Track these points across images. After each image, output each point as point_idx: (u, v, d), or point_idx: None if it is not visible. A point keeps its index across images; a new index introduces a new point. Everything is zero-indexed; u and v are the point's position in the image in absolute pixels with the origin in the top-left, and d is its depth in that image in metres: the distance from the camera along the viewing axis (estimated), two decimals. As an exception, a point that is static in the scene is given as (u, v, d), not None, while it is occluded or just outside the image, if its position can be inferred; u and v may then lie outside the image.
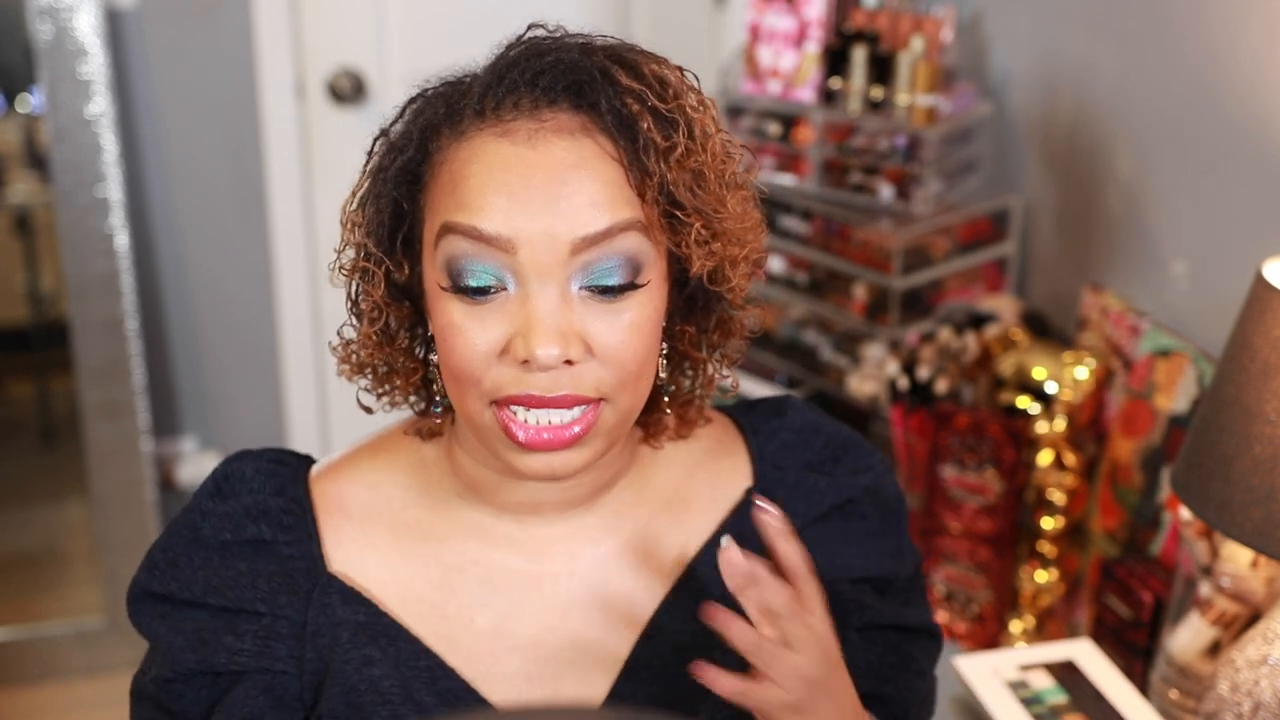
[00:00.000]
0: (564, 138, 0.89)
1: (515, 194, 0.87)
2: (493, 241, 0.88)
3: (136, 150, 2.65)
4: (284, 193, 2.70)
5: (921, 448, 1.89)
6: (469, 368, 0.90)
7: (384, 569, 0.99)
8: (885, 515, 1.09)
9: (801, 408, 1.11)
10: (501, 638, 0.99)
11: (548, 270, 0.88)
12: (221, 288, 2.79)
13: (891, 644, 1.07)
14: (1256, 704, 1.25)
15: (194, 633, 0.98)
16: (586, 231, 0.88)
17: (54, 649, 2.70)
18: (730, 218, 0.93)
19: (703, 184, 0.92)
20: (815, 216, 2.13)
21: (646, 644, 1.00)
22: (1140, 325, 1.76)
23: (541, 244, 0.87)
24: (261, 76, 2.63)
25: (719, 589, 1.02)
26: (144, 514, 2.64)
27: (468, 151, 0.90)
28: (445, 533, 1.00)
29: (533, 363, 0.88)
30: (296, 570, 0.98)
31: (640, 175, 0.89)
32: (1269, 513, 1.17)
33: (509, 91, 0.90)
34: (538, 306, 0.88)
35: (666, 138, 0.90)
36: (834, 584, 1.06)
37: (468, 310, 0.89)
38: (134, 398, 2.60)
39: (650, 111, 0.90)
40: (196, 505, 1.01)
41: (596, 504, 1.01)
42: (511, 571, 1.00)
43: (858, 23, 2.12)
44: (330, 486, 1.01)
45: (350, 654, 0.97)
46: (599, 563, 1.01)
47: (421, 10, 2.67)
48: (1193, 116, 1.74)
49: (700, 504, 1.05)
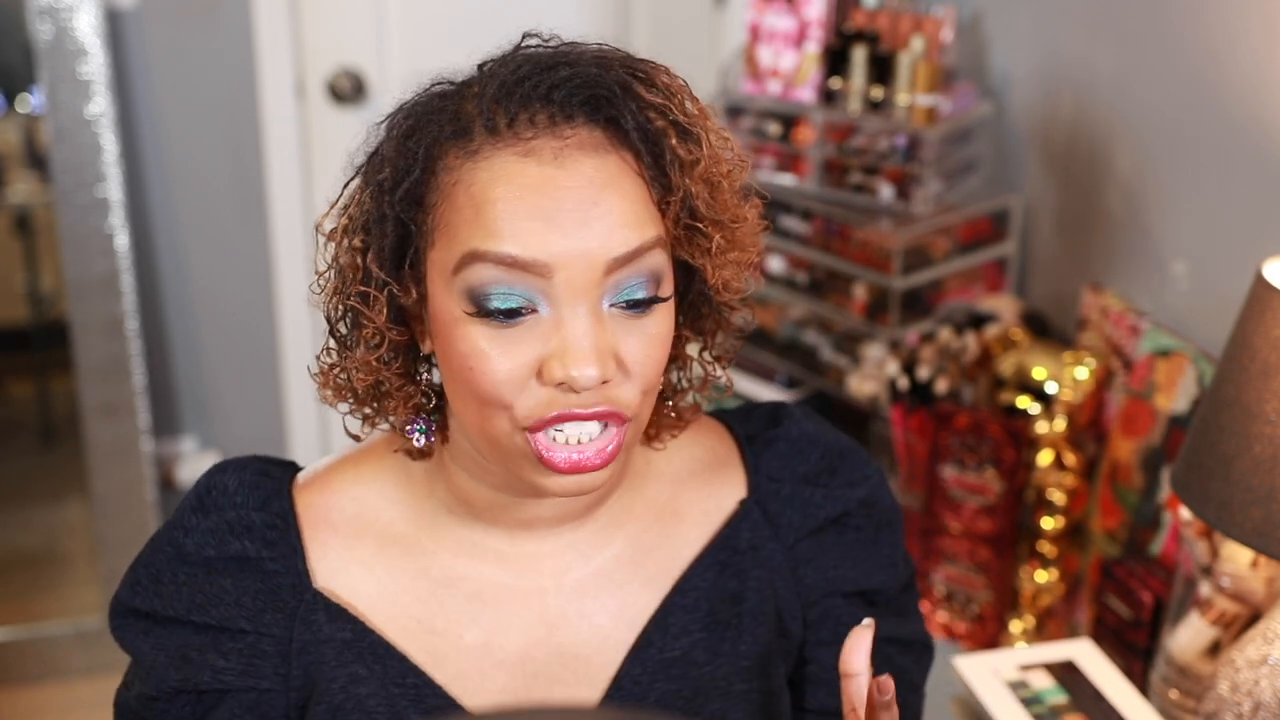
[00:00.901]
0: (590, 155, 0.87)
1: (549, 217, 0.85)
2: (529, 267, 0.85)
3: (136, 150, 2.65)
4: (284, 193, 2.70)
5: (921, 448, 1.89)
6: (499, 392, 0.87)
7: (370, 584, 0.98)
8: (879, 527, 1.08)
9: (798, 417, 1.09)
10: (489, 653, 0.98)
11: (582, 291, 0.86)
12: (221, 288, 2.79)
13: (885, 658, 1.06)
14: (1256, 704, 1.25)
15: (177, 650, 0.97)
16: (621, 251, 0.86)
17: (54, 649, 2.70)
18: (745, 227, 0.93)
19: (718, 195, 0.91)
20: (815, 216, 2.13)
21: (636, 659, 0.99)
22: (1140, 325, 1.76)
23: (577, 267, 0.85)
24: (261, 76, 2.63)
25: (710, 603, 1.01)
26: (144, 514, 2.64)
27: (488, 173, 0.86)
28: (433, 547, 0.98)
29: (570, 385, 0.86)
30: (281, 587, 0.97)
31: (663, 191, 0.88)
32: (1269, 513, 1.17)
33: (522, 107, 0.87)
34: (573, 328, 0.86)
35: (689, 152, 0.89)
36: (827, 598, 1.05)
37: (495, 335, 0.86)
38: (134, 398, 2.60)
39: (674, 125, 0.89)
40: (179, 520, 0.99)
41: (587, 518, 0.99)
42: (500, 586, 0.98)
43: (858, 23, 2.12)
44: (316, 499, 0.99)
45: (336, 672, 0.96)
46: (589, 577, 1.00)
47: (421, 10, 2.67)
48: (1193, 116, 1.74)
49: (693, 516, 1.03)
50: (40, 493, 3.11)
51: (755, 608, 1.02)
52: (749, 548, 1.03)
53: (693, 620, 1.01)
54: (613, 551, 1.00)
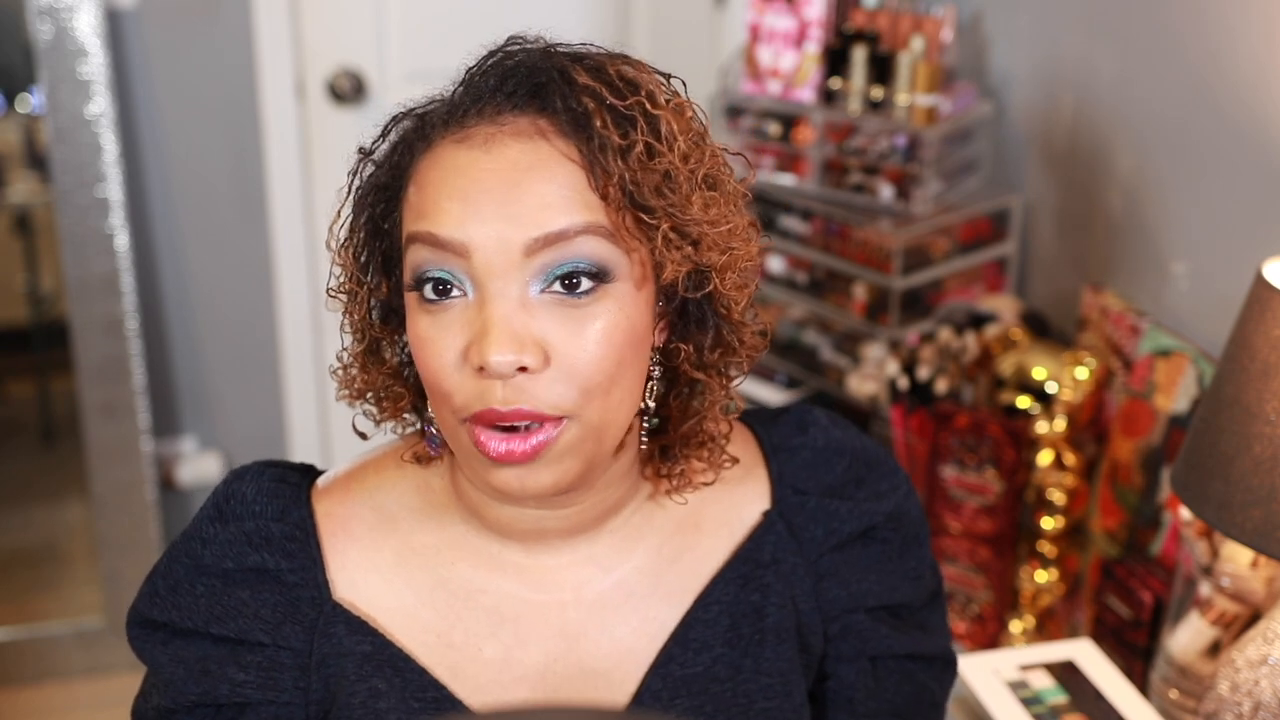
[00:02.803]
0: (520, 141, 0.87)
1: (468, 198, 0.86)
2: (448, 246, 0.86)
3: (136, 150, 2.65)
4: (284, 193, 2.70)
5: (921, 448, 1.89)
6: (438, 380, 0.88)
7: (389, 595, 0.97)
8: (906, 540, 1.06)
9: (826, 425, 1.07)
10: (509, 668, 0.97)
11: (501, 273, 0.86)
12: (221, 288, 2.78)
13: (907, 674, 1.05)
14: (1256, 704, 1.25)
15: (196, 663, 0.96)
16: (539, 233, 0.85)
17: (54, 649, 2.70)
18: (704, 221, 0.89)
19: (671, 185, 0.88)
20: (815, 216, 2.13)
21: (657, 674, 0.98)
22: (1140, 325, 1.76)
23: (493, 247, 0.85)
24: (261, 76, 2.63)
25: (731, 618, 1.00)
26: (144, 514, 2.64)
27: (429, 159, 0.89)
28: (452, 558, 0.98)
29: (487, 369, 0.85)
30: (301, 599, 0.96)
31: (601, 176, 0.86)
32: (1269, 513, 1.17)
33: (474, 99, 0.89)
34: (493, 311, 0.85)
35: (624, 135, 0.87)
36: (850, 614, 1.04)
37: (432, 320, 0.88)
38: (134, 398, 2.60)
39: (607, 109, 0.87)
40: (197, 531, 0.98)
41: (604, 530, 0.98)
42: (519, 600, 0.97)
43: (858, 23, 2.12)
44: (336, 508, 0.99)
45: (356, 685, 0.95)
46: (609, 590, 0.98)
47: (421, 10, 2.67)
48: (1193, 117, 1.74)
49: (714, 527, 1.02)
50: (40, 493, 3.11)
51: (777, 622, 1.01)
52: (772, 561, 1.01)
53: (714, 635, 0.99)
54: (633, 564, 0.99)
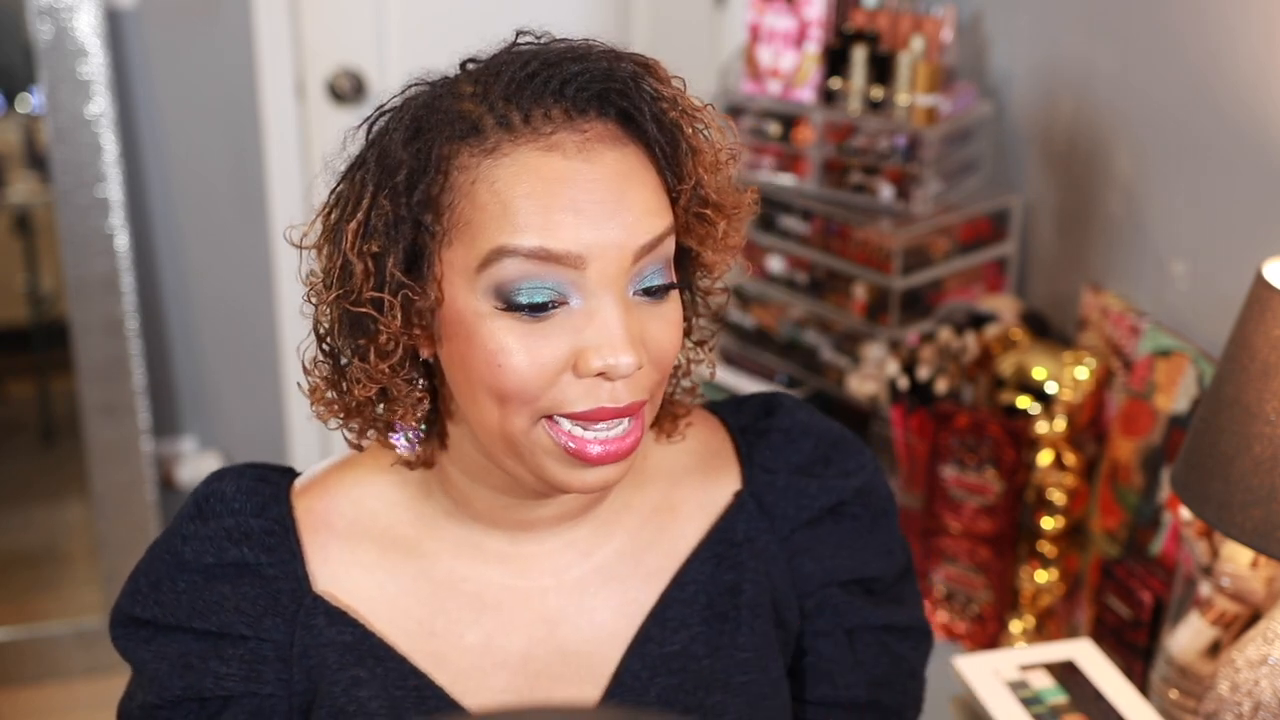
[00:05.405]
0: (611, 147, 0.88)
1: (581, 209, 0.86)
2: (562, 260, 0.85)
3: (136, 150, 2.65)
4: (284, 193, 2.70)
5: (921, 448, 1.89)
6: (526, 387, 0.87)
7: (371, 586, 0.98)
8: (876, 515, 1.09)
9: (791, 406, 1.09)
10: (490, 654, 0.98)
11: (613, 281, 0.87)
12: (221, 288, 2.79)
13: (884, 645, 1.07)
14: (1256, 704, 1.25)
15: (179, 658, 0.97)
16: (646, 239, 0.88)
17: (54, 649, 2.70)
18: (747, 214, 0.96)
19: (722, 183, 0.94)
20: (815, 216, 2.13)
21: (636, 654, 1.00)
22: (1140, 325, 1.76)
23: (610, 256, 0.86)
24: (261, 77, 2.63)
25: (707, 596, 1.02)
26: (144, 514, 2.64)
27: (511, 169, 0.86)
28: (433, 549, 0.99)
29: (611, 373, 0.86)
30: (281, 592, 0.97)
31: (677, 181, 0.90)
32: (1269, 513, 1.17)
33: (535, 102, 0.87)
34: (610, 318, 0.87)
35: (700, 141, 0.92)
36: (824, 588, 1.06)
37: (524, 330, 0.86)
38: (134, 398, 2.60)
39: (685, 115, 0.92)
40: (177, 529, 0.99)
41: (589, 515, 1.00)
42: (501, 587, 0.99)
43: (858, 23, 2.12)
44: (315, 503, 1.00)
45: (338, 675, 0.96)
46: (590, 573, 1.00)
47: (421, 10, 2.67)
48: (1193, 116, 1.74)
49: (688, 510, 1.04)
50: (40, 493, 3.11)
51: (753, 600, 1.03)
52: (745, 540, 1.04)
53: (691, 614, 1.01)
54: (613, 547, 1.01)
